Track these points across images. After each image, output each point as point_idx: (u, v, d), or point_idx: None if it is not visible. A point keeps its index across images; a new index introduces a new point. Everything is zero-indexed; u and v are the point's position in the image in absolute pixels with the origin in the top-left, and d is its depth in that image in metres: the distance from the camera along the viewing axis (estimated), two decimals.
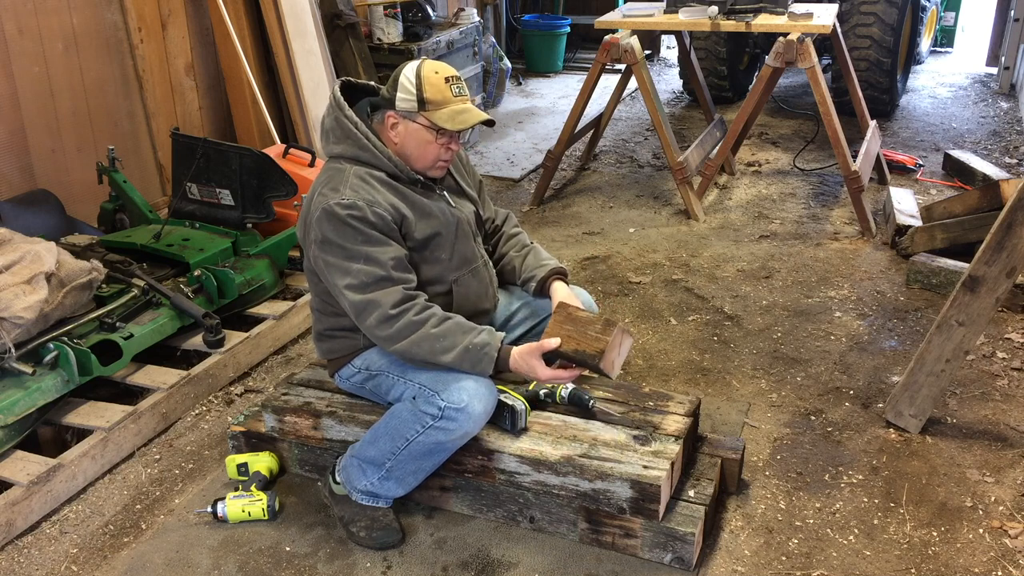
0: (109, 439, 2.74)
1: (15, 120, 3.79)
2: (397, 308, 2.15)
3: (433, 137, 2.25)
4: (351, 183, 2.21)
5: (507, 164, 5.72)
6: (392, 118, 2.26)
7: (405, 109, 2.23)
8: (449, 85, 2.22)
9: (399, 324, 2.15)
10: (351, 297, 2.17)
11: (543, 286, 2.47)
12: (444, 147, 2.27)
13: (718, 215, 4.73)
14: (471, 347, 2.16)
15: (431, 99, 2.21)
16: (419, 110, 2.22)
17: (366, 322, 2.18)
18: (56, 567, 2.37)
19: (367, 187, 2.21)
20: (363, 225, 2.16)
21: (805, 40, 4.24)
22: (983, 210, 3.86)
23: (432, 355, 2.16)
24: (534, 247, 2.59)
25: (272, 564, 2.34)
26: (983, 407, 2.95)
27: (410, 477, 2.33)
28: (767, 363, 3.27)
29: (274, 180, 3.62)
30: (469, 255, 2.41)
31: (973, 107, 6.62)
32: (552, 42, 8.13)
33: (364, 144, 2.26)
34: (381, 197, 2.21)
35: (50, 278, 2.81)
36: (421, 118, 2.23)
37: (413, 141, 2.26)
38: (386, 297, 2.15)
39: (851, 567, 2.29)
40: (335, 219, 2.16)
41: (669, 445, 2.30)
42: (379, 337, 2.20)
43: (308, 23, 4.88)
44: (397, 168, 2.27)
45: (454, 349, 2.16)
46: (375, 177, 2.25)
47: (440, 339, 2.16)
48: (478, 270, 2.43)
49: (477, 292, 2.42)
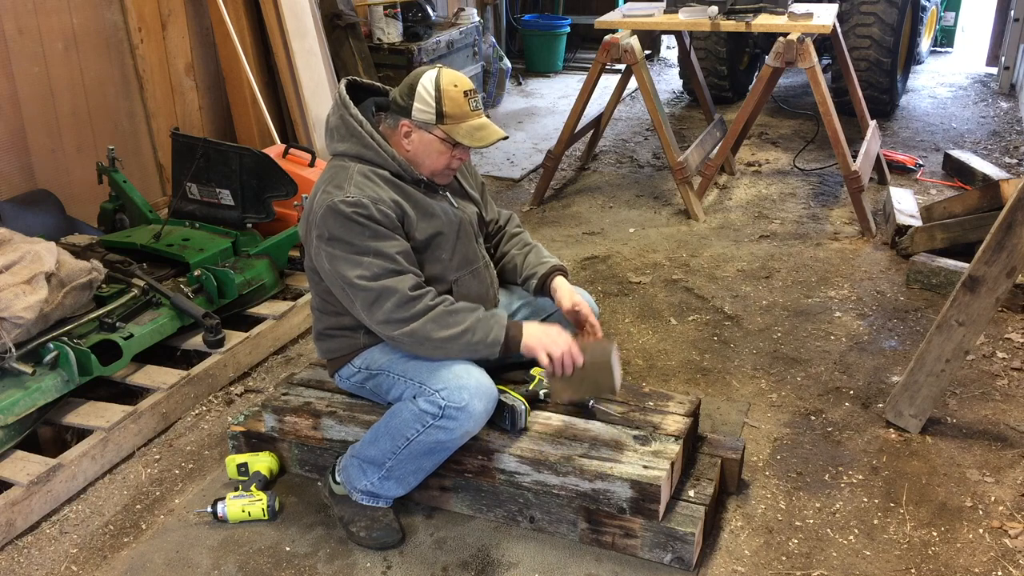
0: (109, 439, 2.74)
1: (15, 120, 3.79)
2: (416, 291, 2.18)
3: (448, 149, 2.27)
4: (355, 180, 2.21)
5: (507, 164, 5.72)
6: (407, 127, 2.26)
7: (422, 120, 2.24)
8: (468, 99, 2.24)
9: (419, 305, 2.17)
10: (365, 286, 2.16)
11: (543, 284, 2.48)
12: (456, 158, 2.30)
13: (718, 215, 4.73)
14: (483, 317, 2.22)
15: (450, 113, 2.22)
16: (437, 123, 2.23)
17: (383, 307, 2.17)
18: (56, 567, 2.37)
19: (371, 184, 2.22)
20: (369, 222, 2.17)
21: (805, 40, 4.24)
22: (983, 210, 3.86)
23: (447, 328, 2.18)
24: (535, 246, 2.59)
25: (272, 564, 2.34)
26: (983, 407, 2.95)
27: (410, 477, 2.33)
28: (767, 363, 3.27)
29: (274, 180, 3.62)
30: (471, 256, 2.41)
31: (973, 107, 6.62)
32: (552, 42, 8.13)
33: (368, 143, 2.26)
34: (385, 194, 2.22)
35: (50, 278, 2.81)
36: (438, 131, 2.24)
37: (426, 151, 2.27)
38: (402, 283, 2.17)
39: (851, 567, 2.29)
40: (340, 216, 2.16)
41: (669, 445, 2.30)
42: (396, 320, 2.17)
43: (308, 23, 4.88)
44: (401, 168, 2.28)
45: (467, 320, 2.20)
46: (379, 175, 2.25)
47: (454, 314, 2.20)
48: (479, 271, 2.43)
49: (478, 293, 2.42)
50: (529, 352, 2.24)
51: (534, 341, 2.23)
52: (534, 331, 2.24)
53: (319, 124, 4.79)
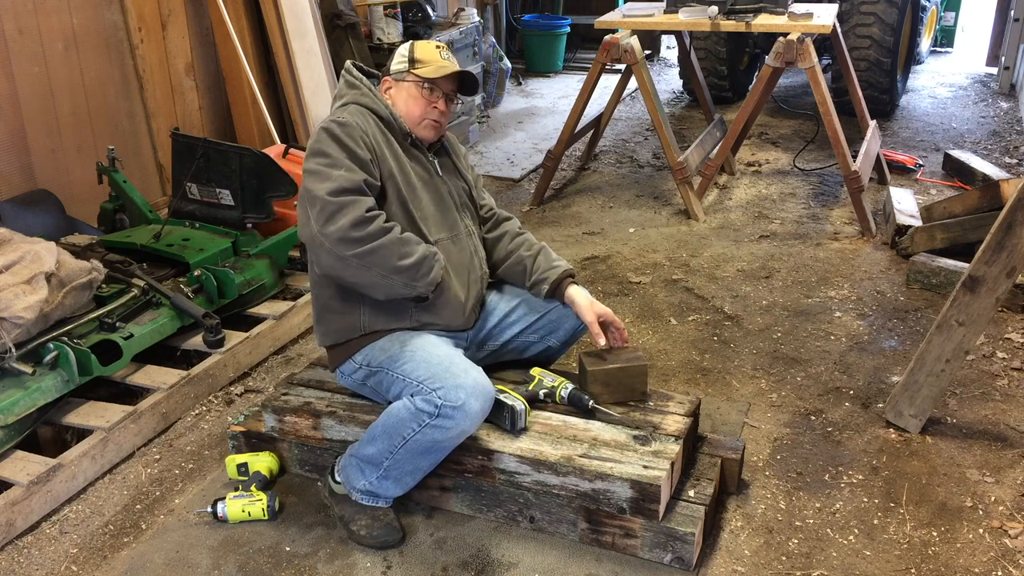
0: (109, 439, 2.74)
1: (15, 120, 3.79)
2: (371, 212, 2.27)
3: (419, 92, 2.43)
4: (350, 110, 2.41)
5: (507, 164, 5.72)
6: (386, 83, 2.49)
7: (397, 71, 2.46)
8: (439, 51, 2.47)
9: (371, 227, 2.24)
10: (327, 200, 2.22)
11: (555, 290, 2.51)
12: (431, 105, 2.44)
13: (718, 215, 4.73)
14: (429, 254, 2.32)
15: (420, 58, 2.44)
16: (409, 69, 2.44)
17: (339, 223, 2.21)
18: (56, 567, 2.37)
19: (363, 118, 2.39)
20: (351, 142, 2.31)
21: (805, 40, 4.24)
22: (983, 210, 3.86)
23: (400, 258, 2.26)
24: (543, 247, 2.61)
25: (272, 564, 2.34)
26: (983, 407, 2.95)
27: (408, 477, 2.33)
28: (767, 363, 3.27)
29: (274, 180, 3.62)
30: (450, 222, 2.49)
31: (973, 107, 6.62)
32: (552, 42, 8.14)
33: (366, 92, 2.46)
34: (371, 130, 2.38)
35: (50, 278, 2.81)
36: (410, 76, 2.44)
37: (402, 98, 2.45)
38: (360, 203, 2.26)
39: (851, 567, 2.29)
40: (328, 132, 2.32)
41: (669, 445, 2.30)
42: (351, 239, 2.21)
43: (308, 23, 4.88)
44: (392, 117, 2.44)
45: (416, 252, 2.29)
46: (372, 117, 2.43)
47: (405, 244, 2.29)
48: (460, 238, 2.49)
49: (459, 261, 2.47)
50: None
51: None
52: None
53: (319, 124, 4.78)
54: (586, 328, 2.58)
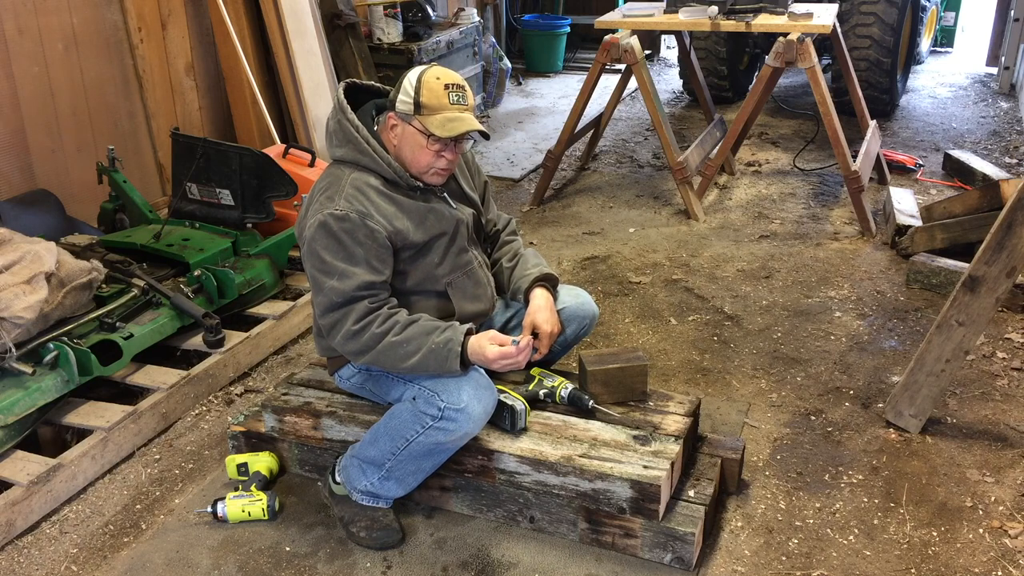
0: (109, 439, 2.74)
1: (15, 120, 3.79)
2: (359, 323, 2.18)
3: (425, 142, 2.24)
4: (346, 193, 2.22)
5: (507, 164, 5.72)
6: (392, 119, 2.28)
7: (403, 111, 2.24)
8: (448, 92, 2.21)
9: (364, 338, 2.19)
10: (320, 317, 2.25)
11: (527, 297, 2.48)
12: (436, 154, 2.26)
13: (718, 215, 4.73)
14: (435, 347, 2.17)
15: (426, 104, 2.21)
16: (414, 113, 2.22)
17: (334, 341, 2.24)
18: (56, 567, 2.37)
19: (362, 198, 2.22)
20: (349, 239, 2.18)
21: (805, 40, 4.24)
22: (983, 210, 3.86)
23: (399, 361, 2.19)
24: (523, 256, 2.57)
25: (272, 564, 2.34)
26: (983, 407, 2.95)
27: (410, 477, 2.33)
28: (767, 363, 3.27)
29: (274, 180, 3.62)
30: (465, 258, 2.41)
31: (973, 107, 6.62)
32: (552, 42, 8.13)
33: (364, 148, 2.26)
34: (375, 208, 2.22)
35: (50, 278, 2.81)
36: (416, 122, 2.23)
37: (408, 144, 2.27)
38: (349, 315, 2.19)
39: (851, 567, 2.29)
40: (325, 230, 2.19)
41: (669, 445, 2.30)
42: (348, 352, 2.25)
43: (308, 23, 4.88)
44: (396, 174, 2.28)
45: (418, 352, 2.18)
46: (371, 186, 2.25)
47: (403, 345, 2.18)
48: (473, 271, 2.43)
49: (474, 293, 2.43)
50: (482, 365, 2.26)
51: (478, 359, 2.22)
52: (475, 352, 2.21)
53: (319, 124, 4.79)
54: (587, 330, 2.58)
